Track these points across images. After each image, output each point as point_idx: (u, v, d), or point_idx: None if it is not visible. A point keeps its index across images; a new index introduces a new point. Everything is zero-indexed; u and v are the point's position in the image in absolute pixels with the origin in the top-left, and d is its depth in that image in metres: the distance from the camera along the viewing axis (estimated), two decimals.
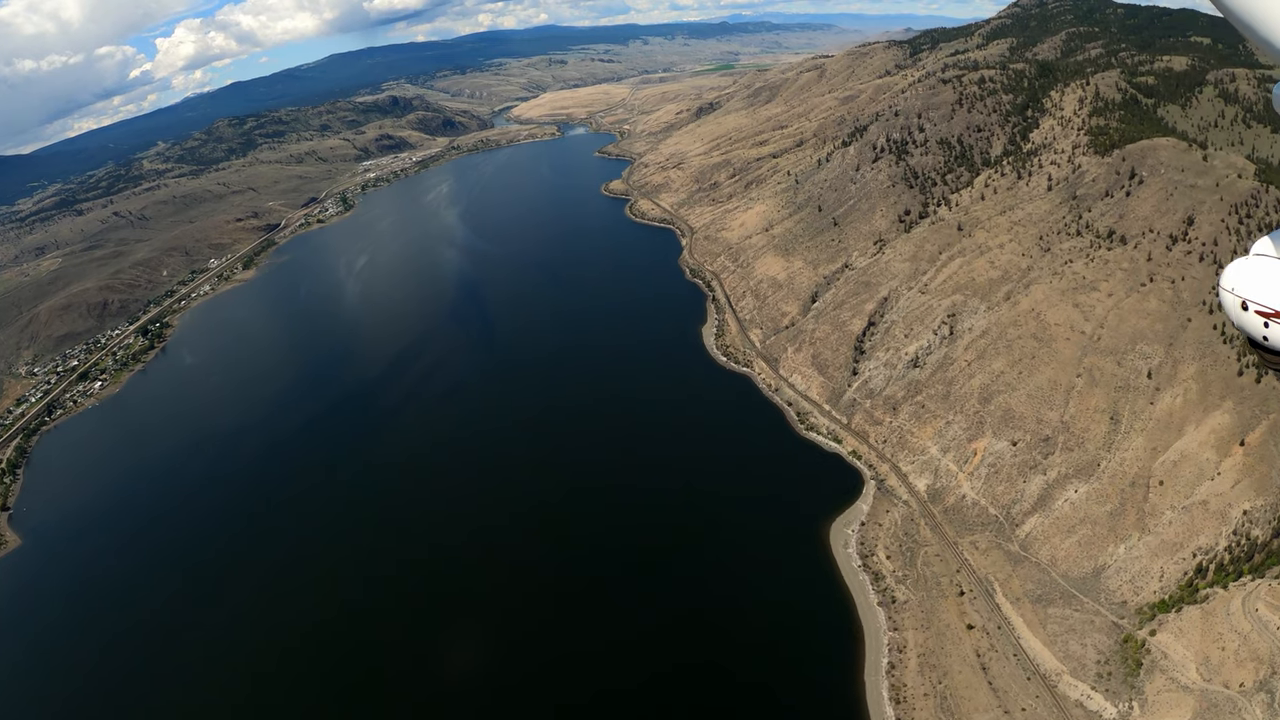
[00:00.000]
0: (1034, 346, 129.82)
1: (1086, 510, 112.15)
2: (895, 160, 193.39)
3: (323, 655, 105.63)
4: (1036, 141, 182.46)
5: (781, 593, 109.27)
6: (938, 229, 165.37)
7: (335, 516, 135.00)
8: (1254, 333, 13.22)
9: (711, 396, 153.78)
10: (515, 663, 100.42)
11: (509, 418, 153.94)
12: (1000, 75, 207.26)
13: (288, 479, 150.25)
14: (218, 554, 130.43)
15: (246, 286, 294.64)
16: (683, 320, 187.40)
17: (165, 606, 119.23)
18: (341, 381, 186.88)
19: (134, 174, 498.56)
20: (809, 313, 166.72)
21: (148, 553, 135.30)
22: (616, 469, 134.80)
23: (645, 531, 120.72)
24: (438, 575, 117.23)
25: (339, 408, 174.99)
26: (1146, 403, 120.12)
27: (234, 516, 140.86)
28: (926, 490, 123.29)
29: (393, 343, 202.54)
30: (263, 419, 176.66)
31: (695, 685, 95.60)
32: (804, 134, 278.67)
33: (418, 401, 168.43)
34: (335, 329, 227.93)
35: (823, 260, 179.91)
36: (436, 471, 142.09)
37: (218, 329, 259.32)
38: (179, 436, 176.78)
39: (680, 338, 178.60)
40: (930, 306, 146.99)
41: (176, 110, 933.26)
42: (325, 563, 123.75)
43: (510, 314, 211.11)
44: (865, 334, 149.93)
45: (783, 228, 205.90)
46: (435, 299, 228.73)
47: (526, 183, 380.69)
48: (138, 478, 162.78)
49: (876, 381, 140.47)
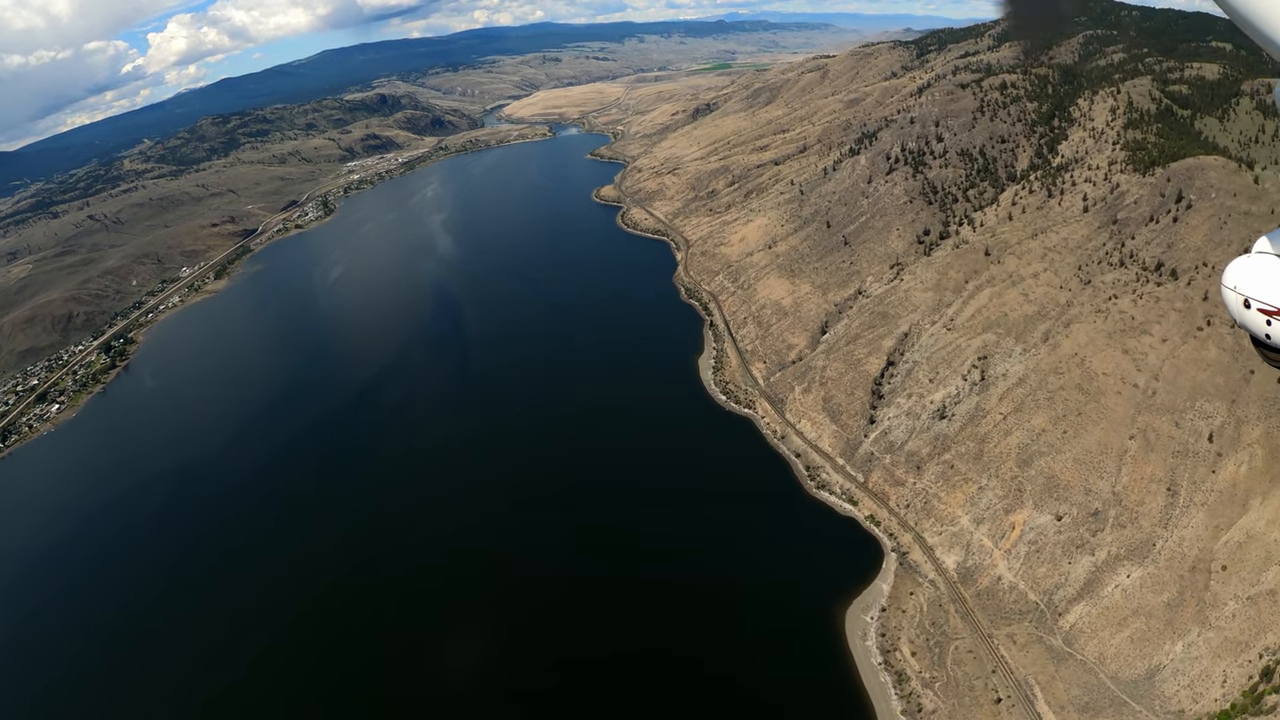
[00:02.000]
0: (1080, 400, 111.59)
1: (1140, 599, 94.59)
2: (912, 172, 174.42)
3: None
4: (1066, 155, 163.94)
5: (790, 697, 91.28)
6: (963, 253, 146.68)
7: (294, 567, 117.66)
8: (1256, 331, 13.12)
9: (710, 445, 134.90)
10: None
11: (483, 484, 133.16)
12: (1023, 81, 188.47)
13: (241, 526, 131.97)
14: (160, 608, 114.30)
15: (216, 299, 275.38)
16: (678, 349, 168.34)
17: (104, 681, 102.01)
18: (303, 414, 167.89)
19: (113, 174, 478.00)
20: (818, 346, 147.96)
21: (81, 611, 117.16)
22: (595, 543, 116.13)
23: (624, 621, 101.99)
24: (392, 666, 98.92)
25: (298, 443, 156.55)
26: (1208, 471, 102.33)
27: (180, 564, 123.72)
28: (956, 569, 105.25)
29: (361, 370, 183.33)
30: (220, 452, 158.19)
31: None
32: (807, 139, 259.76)
33: (379, 448, 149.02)
34: (302, 350, 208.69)
35: (833, 284, 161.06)
36: (398, 531, 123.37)
37: (182, 347, 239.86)
38: (131, 473, 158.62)
39: (675, 371, 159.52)
40: (958, 346, 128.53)
41: (165, 107, 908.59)
42: (282, 619, 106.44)
43: (489, 340, 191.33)
44: (883, 376, 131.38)
45: (787, 245, 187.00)
46: (409, 320, 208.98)
47: (514, 188, 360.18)
48: (81, 521, 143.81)
49: (897, 433, 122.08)
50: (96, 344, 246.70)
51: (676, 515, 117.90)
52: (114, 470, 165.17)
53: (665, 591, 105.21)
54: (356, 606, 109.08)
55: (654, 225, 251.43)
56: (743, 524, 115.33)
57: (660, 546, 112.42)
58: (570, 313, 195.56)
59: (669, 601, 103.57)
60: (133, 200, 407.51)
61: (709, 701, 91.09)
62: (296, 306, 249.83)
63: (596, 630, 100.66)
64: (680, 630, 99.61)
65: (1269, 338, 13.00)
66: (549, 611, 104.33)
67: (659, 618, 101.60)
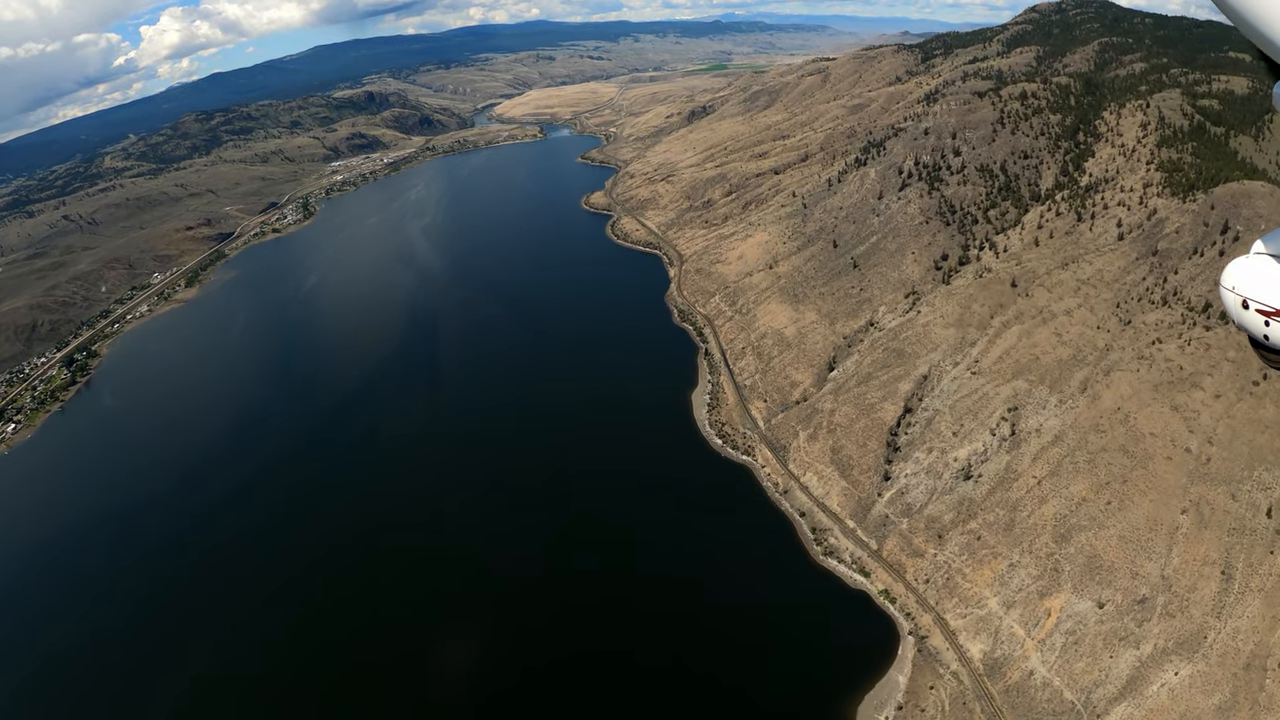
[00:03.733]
0: (1125, 466, 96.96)
1: (1189, 701, 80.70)
2: (927, 189, 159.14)
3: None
4: (1095, 174, 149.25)
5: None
6: (987, 284, 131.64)
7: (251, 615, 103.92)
8: (1255, 331, 12.74)
9: (703, 499, 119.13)
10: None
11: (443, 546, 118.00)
12: (1044, 90, 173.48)
13: (195, 567, 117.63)
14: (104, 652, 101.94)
15: (186, 309, 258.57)
16: (669, 380, 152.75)
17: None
18: (261, 450, 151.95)
19: (92, 172, 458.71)
20: (825, 384, 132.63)
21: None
22: (572, 626, 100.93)
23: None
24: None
25: (263, 477, 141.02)
26: (1266, 552, 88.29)
27: (128, 615, 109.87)
28: (983, 659, 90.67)
29: (325, 399, 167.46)
30: (175, 487, 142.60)
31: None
32: (809, 146, 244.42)
33: (324, 504, 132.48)
34: (267, 374, 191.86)
35: (841, 313, 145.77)
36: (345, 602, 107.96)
37: (146, 362, 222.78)
38: (81, 510, 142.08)
39: (665, 406, 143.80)
40: (985, 394, 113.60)
41: (155, 101, 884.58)
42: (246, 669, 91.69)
43: (464, 364, 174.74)
44: (900, 425, 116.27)
45: (789, 265, 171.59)
46: (381, 343, 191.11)
47: (500, 191, 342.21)
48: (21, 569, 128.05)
49: (916, 494, 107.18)
50: (59, 356, 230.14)
51: (664, 591, 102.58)
52: (57, 508, 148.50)
53: (648, 682, 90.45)
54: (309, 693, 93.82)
55: (646, 237, 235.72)
56: (738, 600, 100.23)
57: (643, 632, 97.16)
58: (553, 338, 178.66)
59: (652, 693, 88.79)
60: (109, 200, 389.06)
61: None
62: (266, 321, 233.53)
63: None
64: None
65: (1267, 338, 12.54)
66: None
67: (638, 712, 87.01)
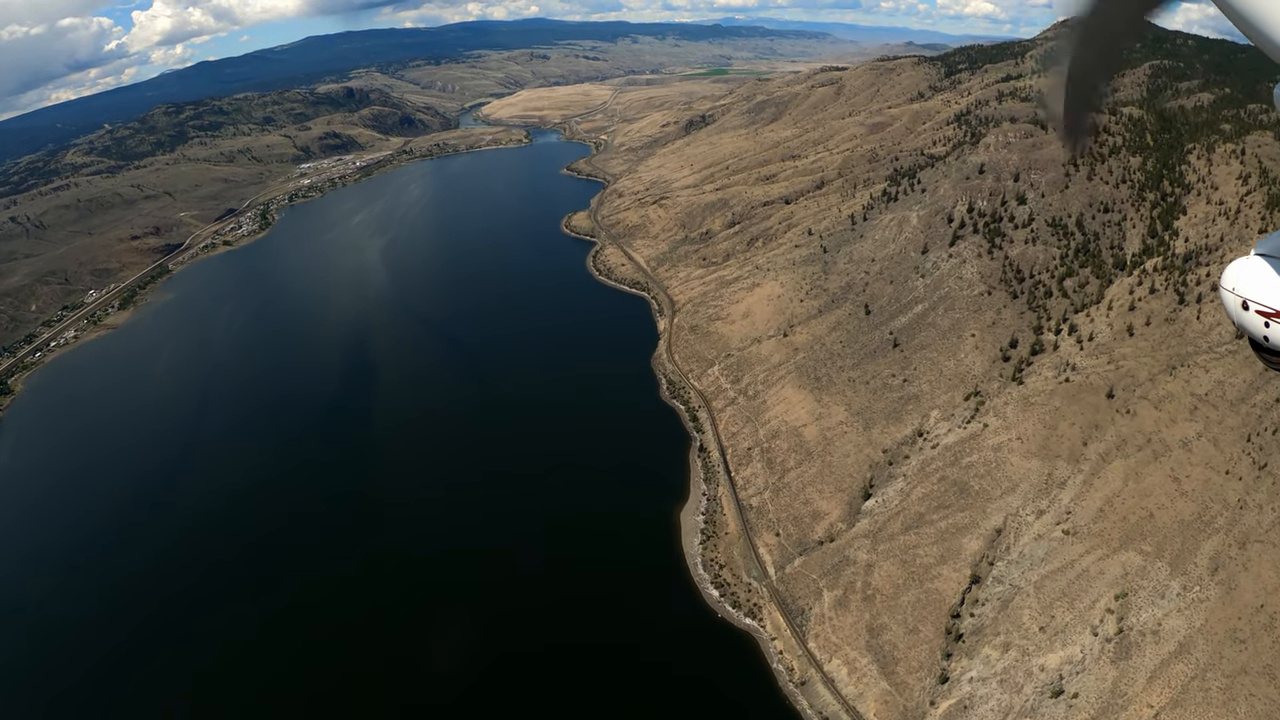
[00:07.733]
0: (1278, 699, 62.50)
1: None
2: (987, 247, 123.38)
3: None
4: (1193, 239, 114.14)
5: None
6: (1076, 392, 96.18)
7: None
8: (1255, 333, 12.18)
9: (693, 687, 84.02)
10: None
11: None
12: (1116, 125, 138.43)
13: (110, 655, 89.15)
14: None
15: (115, 336, 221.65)
16: (652, 487, 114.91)
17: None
18: (184, 509, 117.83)
19: (51, 168, 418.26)
20: (858, 519, 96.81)
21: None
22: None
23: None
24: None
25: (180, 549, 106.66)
26: None
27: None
28: None
29: (229, 470, 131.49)
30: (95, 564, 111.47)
31: None
32: (825, 170, 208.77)
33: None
34: (182, 425, 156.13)
35: (879, 414, 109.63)
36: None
37: (60, 405, 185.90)
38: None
39: (646, 535, 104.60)
40: (1083, 569, 78.48)
41: (139, 89, 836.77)
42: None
43: (399, 447, 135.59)
44: (964, 602, 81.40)
45: (809, 333, 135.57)
46: (302, 394, 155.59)
47: (474, 204, 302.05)
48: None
49: (985, 712, 72.33)
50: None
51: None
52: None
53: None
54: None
55: (633, 274, 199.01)
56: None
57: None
58: (508, 413, 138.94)
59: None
60: (60, 201, 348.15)
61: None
62: (197, 356, 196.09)
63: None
64: None
65: (1267, 340, 11.93)
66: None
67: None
